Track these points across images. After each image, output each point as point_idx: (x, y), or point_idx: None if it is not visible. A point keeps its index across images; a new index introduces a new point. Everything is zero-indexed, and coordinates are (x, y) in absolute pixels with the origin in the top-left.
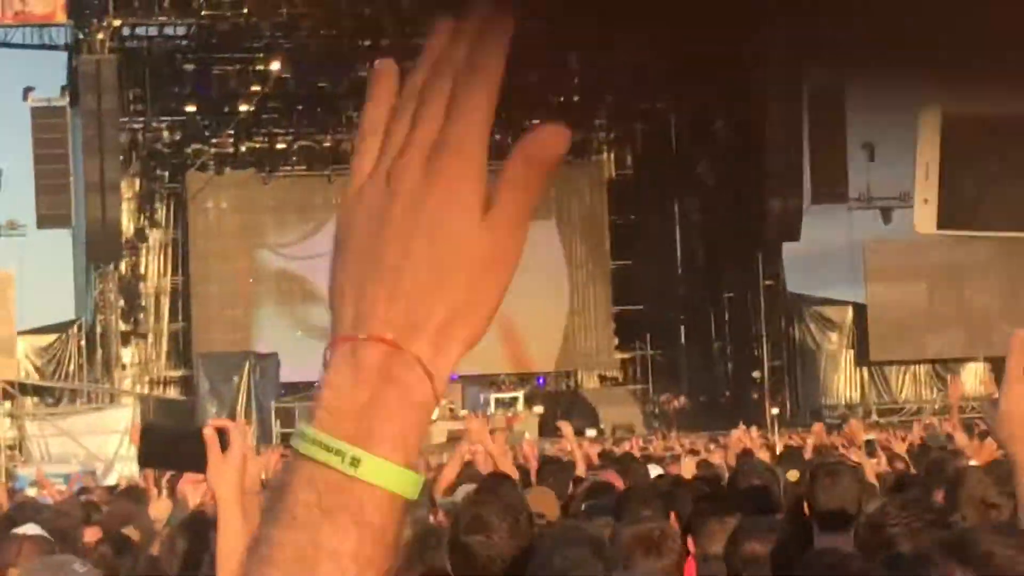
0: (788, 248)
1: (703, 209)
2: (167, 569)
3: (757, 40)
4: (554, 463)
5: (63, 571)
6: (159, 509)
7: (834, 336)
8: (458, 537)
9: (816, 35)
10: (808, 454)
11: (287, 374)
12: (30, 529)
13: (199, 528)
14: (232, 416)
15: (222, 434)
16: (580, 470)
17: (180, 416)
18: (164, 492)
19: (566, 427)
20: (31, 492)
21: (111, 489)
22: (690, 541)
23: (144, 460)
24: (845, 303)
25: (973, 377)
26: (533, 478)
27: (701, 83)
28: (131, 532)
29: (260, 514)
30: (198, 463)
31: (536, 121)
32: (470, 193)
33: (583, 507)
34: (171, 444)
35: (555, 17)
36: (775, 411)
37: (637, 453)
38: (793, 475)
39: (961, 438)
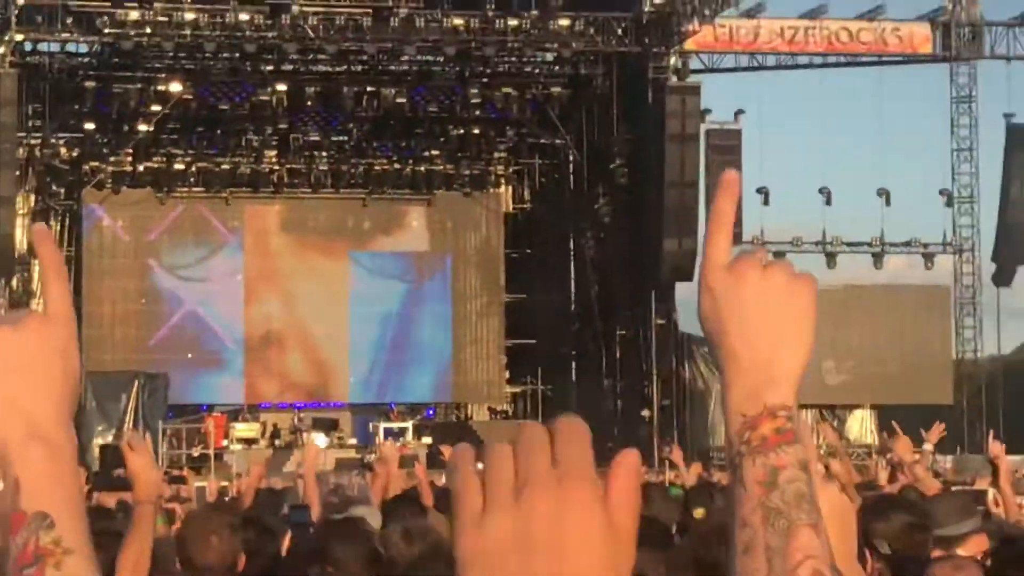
0: (681, 288)
1: (599, 246)
2: None
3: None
4: (448, 493)
5: None
6: None
7: None
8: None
9: None
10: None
11: (176, 395)
12: None
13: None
14: (119, 435)
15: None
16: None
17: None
18: None
19: (448, 451)
20: None
21: None
22: None
23: None
24: None
25: (859, 424)
26: (428, 502)
27: (601, 121)
28: None
29: None
30: None
31: (436, 152)
32: (600, 513)
33: None
34: None
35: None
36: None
37: None
38: (699, 513)
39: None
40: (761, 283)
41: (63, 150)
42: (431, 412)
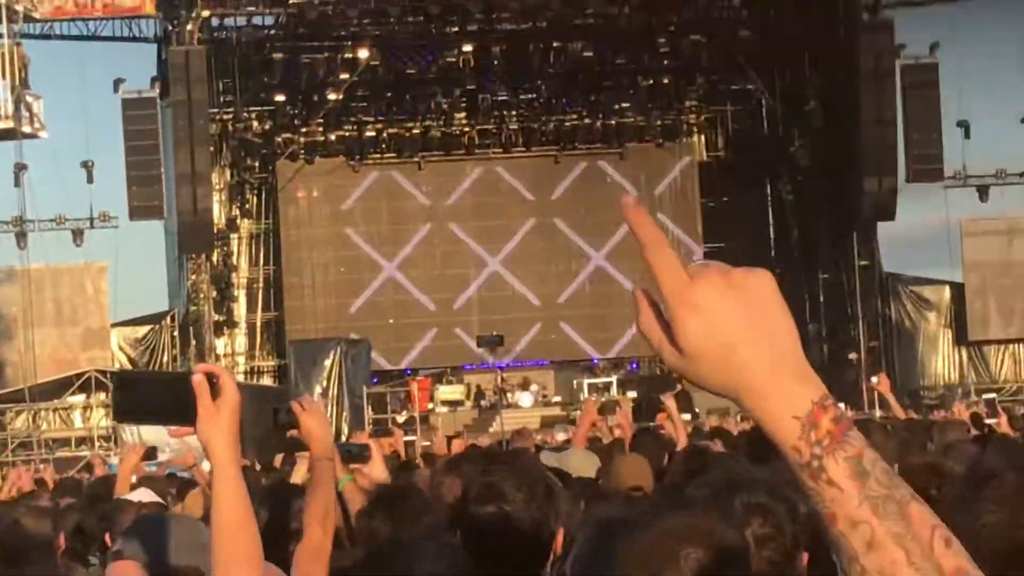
0: (883, 227)
1: (796, 190)
2: None
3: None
4: (649, 433)
5: None
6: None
7: (931, 316)
8: (468, 507)
9: None
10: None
11: (379, 361)
12: (144, 496)
13: (283, 496)
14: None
15: (212, 380)
16: (682, 445)
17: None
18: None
19: (669, 400)
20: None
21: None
22: None
23: (119, 413)
24: (942, 282)
25: None
26: (627, 447)
27: (793, 63)
28: None
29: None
30: (185, 414)
31: (626, 105)
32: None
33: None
34: (152, 393)
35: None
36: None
37: (733, 431)
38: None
39: None
40: (738, 284)
41: (255, 123)
42: (635, 365)
